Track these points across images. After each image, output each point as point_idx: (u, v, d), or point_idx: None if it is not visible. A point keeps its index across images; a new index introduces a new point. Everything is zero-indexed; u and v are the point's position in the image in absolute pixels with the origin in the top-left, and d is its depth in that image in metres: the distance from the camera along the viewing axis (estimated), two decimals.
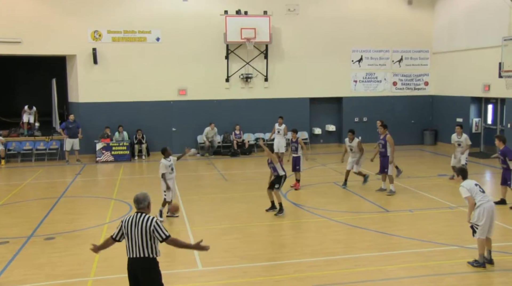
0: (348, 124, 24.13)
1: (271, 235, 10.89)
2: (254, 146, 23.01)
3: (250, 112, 23.03)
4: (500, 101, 21.21)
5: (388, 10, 24.13)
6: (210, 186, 16.03)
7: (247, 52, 22.65)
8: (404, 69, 24.70)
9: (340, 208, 13.01)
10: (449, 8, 23.56)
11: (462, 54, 22.61)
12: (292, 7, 23.10)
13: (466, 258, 9.23)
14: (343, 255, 9.52)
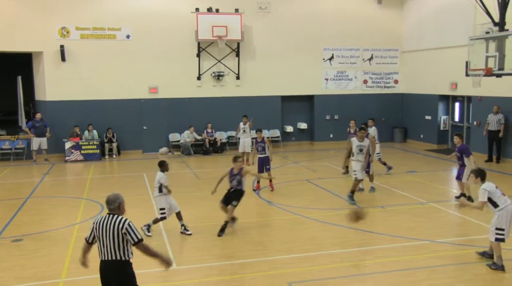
0: (319, 122, 24.37)
1: (246, 233, 10.84)
2: (226, 145, 22.96)
3: (222, 110, 22.94)
4: (467, 99, 21.62)
5: (359, 9, 24.35)
6: (183, 184, 15.88)
7: (219, 50, 22.57)
8: (374, 67, 24.97)
9: (313, 205, 13.05)
10: (418, 8, 23.90)
11: (431, 53, 22.97)
12: (263, 5, 23.10)
13: (437, 252, 9.39)
14: (318, 252, 9.55)
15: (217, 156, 21.74)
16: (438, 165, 18.59)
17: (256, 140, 15.07)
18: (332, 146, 23.26)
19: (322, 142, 24.17)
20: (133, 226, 6.10)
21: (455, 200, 13.05)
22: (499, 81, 16.73)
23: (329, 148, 22.94)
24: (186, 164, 19.82)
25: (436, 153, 21.18)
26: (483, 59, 15.84)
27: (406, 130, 24.86)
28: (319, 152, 22.35)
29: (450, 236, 10.52)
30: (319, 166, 18.69)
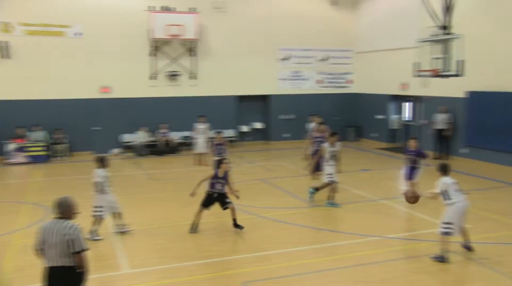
0: (275, 122, 24.60)
1: (201, 234, 10.85)
2: (182, 145, 22.84)
3: (177, 111, 22.82)
4: (417, 99, 22.27)
5: (314, 10, 24.67)
6: (137, 186, 15.75)
7: (174, 49, 22.47)
8: (329, 67, 25.37)
9: (268, 204, 13.19)
10: (370, 10, 24.44)
11: (383, 54, 23.54)
12: (219, 4, 23.12)
13: (389, 247, 9.70)
14: (273, 251, 9.67)
15: (172, 156, 21.61)
16: (390, 163, 19.08)
17: (214, 142, 14.79)
18: (288, 145, 23.51)
19: (278, 141, 24.41)
20: (80, 234, 5.87)
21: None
22: (445, 82, 17.30)
23: (284, 147, 23.17)
24: (139, 165, 19.62)
25: (388, 151, 21.72)
26: (430, 61, 16.41)
27: (359, 129, 25.37)
28: (274, 151, 22.56)
29: (400, 232, 10.88)
30: (274, 165, 18.88)
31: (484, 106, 17.88)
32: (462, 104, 18.81)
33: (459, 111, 19.02)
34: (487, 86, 17.65)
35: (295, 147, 17.39)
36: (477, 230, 10.32)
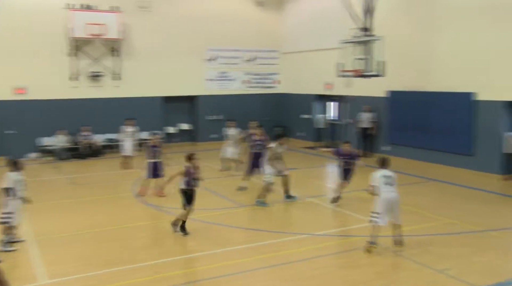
0: (202, 123, 24.44)
1: (128, 238, 10.57)
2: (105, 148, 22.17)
3: (100, 112, 22.13)
4: (341, 99, 22.84)
5: (241, 11, 24.74)
6: (58, 191, 15.10)
7: (96, 49, 21.80)
8: (255, 68, 25.53)
9: (196, 206, 13.03)
10: (295, 11, 24.81)
11: (307, 54, 23.97)
12: (144, 3, 22.67)
13: (316, 244, 9.84)
14: (201, 252, 9.57)
15: (95, 160, 20.93)
16: (316, 161, 19.44)
17: (151, 145, 14.25)
18: (216, 146, 23.39)
19: (205, 142, 24.24)
20: None
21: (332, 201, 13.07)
22: (368, 82, 17.85)
23: (212, 148, 23.04)
24: (60, 169, 18.84)
25: (314, 150, 22.13)
26: (353, 62, 16.89)
27: (286, 128, 25.67)
28: (202, 152, 22.31)
29: (327, 229, 11.07)
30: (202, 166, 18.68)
31: (403, 105, 18.60)
32: (384, 103, 19.47)
33: (382, 110, 19.67)
34: (407, 86, 18.38)
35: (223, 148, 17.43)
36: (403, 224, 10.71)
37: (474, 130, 16.14)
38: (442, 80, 17.11)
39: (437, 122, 17.28)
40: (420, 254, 9.19)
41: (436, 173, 16.40)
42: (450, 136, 16.78)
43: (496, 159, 15.52)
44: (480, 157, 16.02)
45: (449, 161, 17.02)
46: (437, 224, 11.01)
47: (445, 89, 16.96)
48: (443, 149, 17.18)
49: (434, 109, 17.38)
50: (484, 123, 15.85)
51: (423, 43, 17.80)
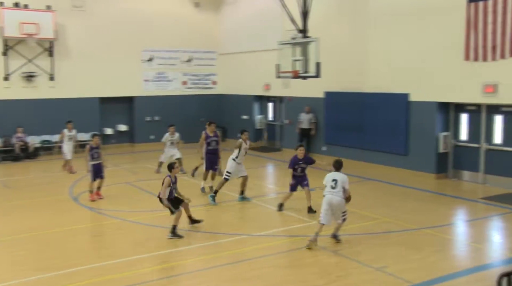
0: (140, 124, 24.12)
1: (66, 241, 10.31)
2: (40, 150, 21.48)
3: (35, 113, 21.42)
4: (278, 99, 23.13)
5: (178, 11, 24.57)
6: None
7: (29, 48, 21.04)
8: (193, 69, 25.42)
9: (135, 208, 12.90)
10: (232, 12, 24.89)
11: (245, 55, 24.11)
12: (78, 3, 22.10)
13: (257, 245, 9.93)
14: (143, 255, 9.46)
15: (30, 162, 20.24)
16: (255, 162, 19.54)
17: (91, 146, 13.85)
18: (154, 147, 23.15)
19: (143, 143, 23.92)
20: None
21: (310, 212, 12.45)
22: (306, 83, 18.16)
23: (150, 149, 22.76)
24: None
25: (253, 151, 22.21)
26: (291, 63, 17.13)
27: (225, 129, 25.71)
28: (140, 153, 22.11)
29: (269, 229, 11.17)
30: (139, 168, 18.50)
31: (340, 106, 19.03)
32: (322, 104, 19.84)
33: (320, 111, 20.01)
34: (344, 87, 18.82)
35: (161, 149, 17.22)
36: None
37: (409, 130, 16.72)
38: (377, 81, 17.62)
39: (373, 123, 17.78)
40: (359, 253, 9.45)
41: (372, 173, 16.89)
42: (386, 137, 17.31)
43: (430, 158, 16.13)
44: (414, 156, 16.61)
45: (385, 161, 17.56)
46: (374, 222, 11.35)
47: (380, 90, 17.48)
48: (379, 149, 17.71)
49: (370, 110, 17.87)
50: (418, 124, 16.43)
51: (357, 45, 18.28)
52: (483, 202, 13.35)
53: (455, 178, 16.06)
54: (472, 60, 14.58)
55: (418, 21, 16.13)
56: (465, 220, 12.24)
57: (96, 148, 13.91)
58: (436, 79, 15.73)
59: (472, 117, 15.72)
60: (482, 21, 14.19)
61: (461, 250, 9.98)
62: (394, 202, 13.23)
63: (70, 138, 17.93)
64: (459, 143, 16.00)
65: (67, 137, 17.89)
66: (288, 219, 12.01)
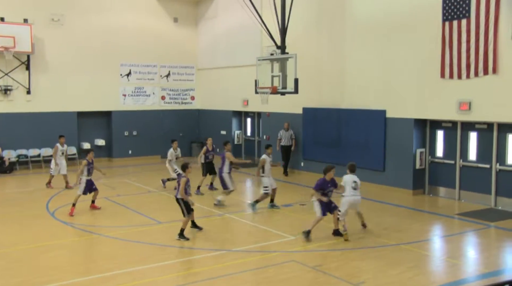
0: (118, 138, 23.95)
1: (39, 258, 10.12)
2: (16, 164, 21.14)
3: (11, 127, 21.12)
4: (257, 115, 23.19)
5: (156, 26, 24.59)
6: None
7: (6, 62, 20.80)
8: (171, 84, 25.40)
9: (113, 223, 12.75)
10: (210, 28, 24.99)
11: (223, 71, 24.19)
12: (56, 16, 21.97)
13: (234, 260, 9.88)
14: (118, 270, 9.33)
15: (5, 176, 19.91)
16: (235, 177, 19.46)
17: (88, 161, 14.03)
18: (132, 162, 23.02)
19: (121, 158, 23.76)
20: None
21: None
22: (284, 99, 18.27)
23: (128, 164, 22.59)
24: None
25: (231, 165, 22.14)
26: (269, 78, 17.23)
27: (203, 145, 25.60)
28: (117, 168, 21.90)
29: (246, 244, 11.12)
30: (117, 182, 18.32)
31: (317, 121, 19.13)
32: (300, 120, 19.92)
33: (299, 126, 20.05)
34: (322, 103, 18.95)
35: (139, 164, 17.06)
36: (316, 238, 11.04)
37: (386, 146, 16.87)
38: (354, 98, 17.76)
39: (351, 139, 17.90)
40: (337, 268, 9.47)
41: None
42: (364, 153, 17.42)
43: (407, 174, 16.26)
44: (391, 172, 16.75)
45: (362, 177, 17.36)
46: (352, 238, 11.38)
47: (358, 107, 17.64)
48: (357, 165, 17.76)
49: (348, 126, 18.00)
50: (395, 140, 16.58)
51: (335, 62, 18.43)
52: (459, 218, 13.51)
53: (431, 194, 16.24)
54: (447, 77, 14.83)
55: (394, 38, 16.37)
56: (441, 236, 12.35)
57: (92, 163, 14.15)
58: (412, 96, 15.93)
59: (447, 134, 15.95)
60: (457, 40, 14.48)
61: (437, 265, 10.05)
62: (372, 218, 13.28)
63: (62, 153, 17.46)
64: (435, 160, 16.20)
65: (60, 151, 17.41)
66: (265, 234, 11.97)
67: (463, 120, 15.05)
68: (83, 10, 22.68)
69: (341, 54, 18.23)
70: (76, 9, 22.52)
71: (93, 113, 23.42)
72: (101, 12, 23.16)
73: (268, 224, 12.49)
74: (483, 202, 14.68)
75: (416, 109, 15.91)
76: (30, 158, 21.54)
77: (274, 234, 11.74)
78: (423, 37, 15.49)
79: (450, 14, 14.58)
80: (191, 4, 25.57)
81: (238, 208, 14.57)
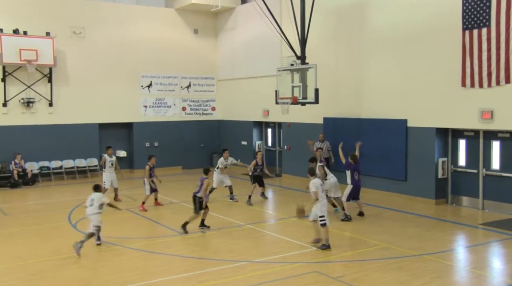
0: (139, 150, 24.10)
1: (61, 270, 10.18)
2: (39, 176, 21.40)
3: (33, 139, 21.43)
4: (277, 125, 23.18)
5: (176, 38, 24.82)
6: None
7: (28, 75, 21.16)
8: (192, 95, 25.55)
9: (134, 234, 12.82)
10: (230, 39, 25.14)
11: (243, 81, 24.27)
12: (77, 29, 22.31)
13: (255, 272, 9.84)
14: (139, 282, 9.36)
15: (28, 188, 20.17)
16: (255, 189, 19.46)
17: (150, 166, 16.01)
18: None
19: (142, 169, 23.67)
20: None
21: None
22: (305, 109, 18.23)
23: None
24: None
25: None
26: (289, 89, 17.23)
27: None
28: (139, 180, 21.98)
29: (266, 255, 11.08)
30: (139, 194, 18.39)
31: (337, 131, 19.01)
32: (321, 130, 19.80)
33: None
34: (343, 113, 18.88)
35: (160, 175, 17.13)
36: (340, 249, 10.95)
37: (408, 156, 16.71)
38: (375, 107, 17.67)
39: (371, 149, 17.75)
40: (359, 279, 9.37)
41: (371, 198, 16.82)
42: (385, 162, 17.30)
43: (429, 184, 16.08)
44: (413, 182, 16.58)
45: (384, 187, 17.52)
46: (374, 248, 11.28)
47: (378, 116, 17.54)
48: (378, 175, 17.68)
49: (368, 136, 17.87)
50: (416, 149, 16.43)
51: (354, 71, 18.38)
52: (483, 227, 13.29)
53: (454, 204, 16.03)
54: (468, 86, 14.67)
55: (413, 47, 16.28)
56: (465, 246, 12.15)
57: (153, 167, 15.97)
58: (433, 105, 15.79)
59: (470, 143, 15.75)
60: (477, 48, 14.34)
61: (462, 276, 9.88)
62: (394, 228, 13.16)
63: (111, 164, 16.96)
64: (458, 169, 16.00)
65: (109, 162, 16.90)
66: (286, 245, 11.90)
67: (485, 129, 14.85)
68: (103, 23, 23.00)
69: (360, 63, 18.17)
70: (97, 22, 22.85)
71: (115, 124, 23.66)
72: (122, 25, 23.46)
73: (289, 235, 12.41)
74: (508, 211, 14.43)
75: (437, 118, 15.75)
76: (52, 170, 21.80)
77: (296, 245, 11.67)
78: (442, 46, 15.37)
79: (470, 23, 14.46)
80: (211, 15, 25.76)
81: (259, 219, 14.53)
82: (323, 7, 18.87)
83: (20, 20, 20.99)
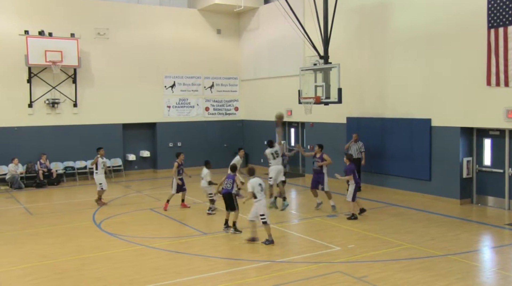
0: (162, 150, 24.27)
1: (85, 269, 10.28)
2: (63, 176, 21.70)
3: (58, 140, 21.75)
4: (300, 125, 23.11)
5: (199, 38, 24.94)
6: (11, 222, 14.57)
7: (53, 76, 21.48)
8: (215, 95, 25.64)
9: (158, 234, 12.91)
10: (253, 39, 25.15)
11: (266, 81, 24.25)
12: (101, 31, 22.57)
13: (278, 272, 9.82)
14: (162, 282, 9.41)
15: (53, 188, 20.45)
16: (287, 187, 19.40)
17: (178, 164, 15.75)
18: None
19: (166, 169, 24.02)
20: None
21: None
22: (328, 108, 18.13)
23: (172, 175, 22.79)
24: (15, 199, 18.24)
25: None
26: (312, 88, 17.16)
27: (247, 155, 25.72)
28: (162, 180, 22.19)
29: (290, 255, 11.05)
30: (162, 194, 18.52)
31: (360, 131, 18.85)
32: (344, 129, 19.71)
33: (343, 136, 19.74)
34: (366, 113, 18.75)
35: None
36: (364, 249, 10.88)
37: (432, 155, 16.52)
38: (398, 107, 17.52)
39: (395, 148, 17.63)
40: (383, 279, 9.28)
41: (395, 198, 16.68)
42: (409, 162, 17.14)
43: (454, 184, 15.88)
44: (437, 182, 16.39)
45: (408, 186, 17.36)
46: (398, 248, 11.17)
47: (401, 116, 17.37)
48: (402, 175, 17.52)
49: (392, 135, 17.74)
50: (440, 149, 16.24)
51: (378, 70, 18.26)
52: (509, 228, 13.06)
53: (479, 204, 15.79)
54: (494, 85, 14.44)
55: (437, 47, 16.09)
56: (491, 247, 11.95)
57: (182, 164, 15.77)
58: (458, 104, 15.59)
59: (495, 142, 15.50)
60: (503, 47, 14.10)
61: (488, 277, 9.72)
62: (418, 228, 13.01)
63: (104, 165, 16.72)
64: (483, 168, 15.76)
65: (101, 163, 16.60)
66: (310, 245, 11.86)
67: (511, 128, 14.59)
68: (127, 24, 23.22)
69: (383, 63, 18.03)
70: (121, 23, 23.07)
71: (138, 124, 23.87)
72: (145, 26, 23.64)
73: (312, 235, 12.35)
74: None
75: (462, 117, 15.55)
76: (77, 170, 22.09)
77: (319, 245, 11.62)
78: (467, 44, 15.17)
79: (495, 21, 14.22)
80: (234, 16, 25.81)
81: (283, 218, 14.51)
82: (346, 6, 18.76)
83: (45, 21, 21.30)
